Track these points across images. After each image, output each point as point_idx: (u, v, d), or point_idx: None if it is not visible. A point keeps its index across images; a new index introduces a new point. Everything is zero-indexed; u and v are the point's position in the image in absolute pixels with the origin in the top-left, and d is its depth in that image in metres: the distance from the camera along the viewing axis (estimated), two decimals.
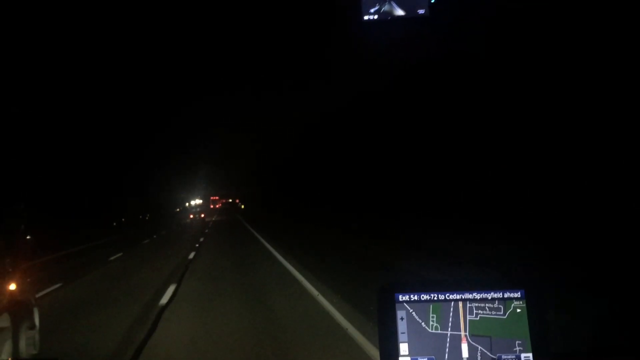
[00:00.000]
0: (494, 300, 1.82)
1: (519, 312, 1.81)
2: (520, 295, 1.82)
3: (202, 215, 70.90)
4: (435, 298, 1.82)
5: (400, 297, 1.83)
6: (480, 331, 1.80)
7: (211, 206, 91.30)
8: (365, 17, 4.64)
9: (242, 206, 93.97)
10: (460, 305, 1.82)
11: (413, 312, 1.82)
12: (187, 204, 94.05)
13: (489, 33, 13.25)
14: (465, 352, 1.80)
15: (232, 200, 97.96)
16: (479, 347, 1.80)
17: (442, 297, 1.82)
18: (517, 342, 1.79)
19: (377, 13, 4.64)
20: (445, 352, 1.80)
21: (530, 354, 1.78)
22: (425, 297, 1.82)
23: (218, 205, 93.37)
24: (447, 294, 1.82)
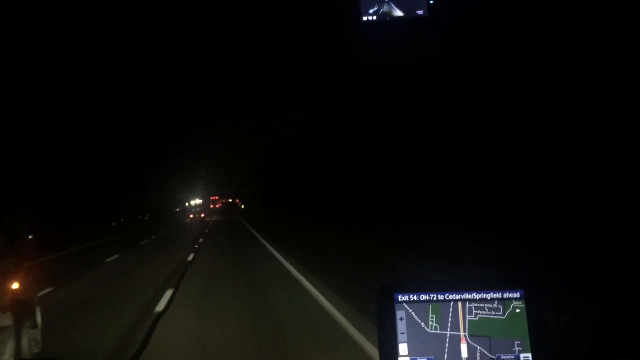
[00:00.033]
0: (493, 300, 1.82)
1: (518, 312, 1.81)
2: (519, 296, 1.82)
3: (202, 215, 70.90)
4: (435, 298, 1.82)
5: (399, 297, 1.83)
6: (479, 331, 1.80)
7: (211, 206, 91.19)
8: (364, 17, 4.64)
9: (242, 206, 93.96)
10: (460, 305, 1.82)
11: (412, 312, 1.82)
12: (187, 203, 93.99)
13: (487, 33, 13.27)
14: (464, 352, 1.80)
15: (232, 200, 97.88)
16: (478, 347, 1.80)
17: (441, 297, 1.82)
18: (516, 342, 1.79)
19: (375, 14, 4.64)
20: (445, 352, 1.80)
21: (530, 354, 1.78)
22: (425, 297, 1.82)
23: (218, 205, 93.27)
24: (446, 294, 1.82)
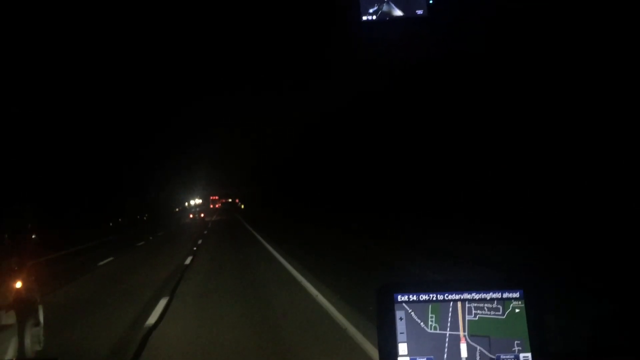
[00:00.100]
0: (492, 300, 1.82)
1: (518, 312, 1.81)
2: (519, 296, 1.82)
3: (202, 215, 71.04)
4: (434, 298, 1.82)
5: (399, 297, 1.83)
6: (479, 331, 1.80)
7: (211, 206, 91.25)
8: (364, 17, 4.64)
9: (242, 206, 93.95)
10: (459, 305, 1.82)
11: (412, 312, 1.82)
12: (186, 203, 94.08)
13: (487, 33, 13.27)
14: (464, 352, 1.80)
15: (231, 200, 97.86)
16: (478, 347, 1.80)
17: (440, 297, 1.82)
18: (515, 342, 1.79)
19: (375, 13, 4.65)
20: (444, 352, 1.80)
21: (529, 354, 1.78)
22: (424, 297, 1.82)
23: (218, 205, 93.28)
24: (445, 294, 1.82)
